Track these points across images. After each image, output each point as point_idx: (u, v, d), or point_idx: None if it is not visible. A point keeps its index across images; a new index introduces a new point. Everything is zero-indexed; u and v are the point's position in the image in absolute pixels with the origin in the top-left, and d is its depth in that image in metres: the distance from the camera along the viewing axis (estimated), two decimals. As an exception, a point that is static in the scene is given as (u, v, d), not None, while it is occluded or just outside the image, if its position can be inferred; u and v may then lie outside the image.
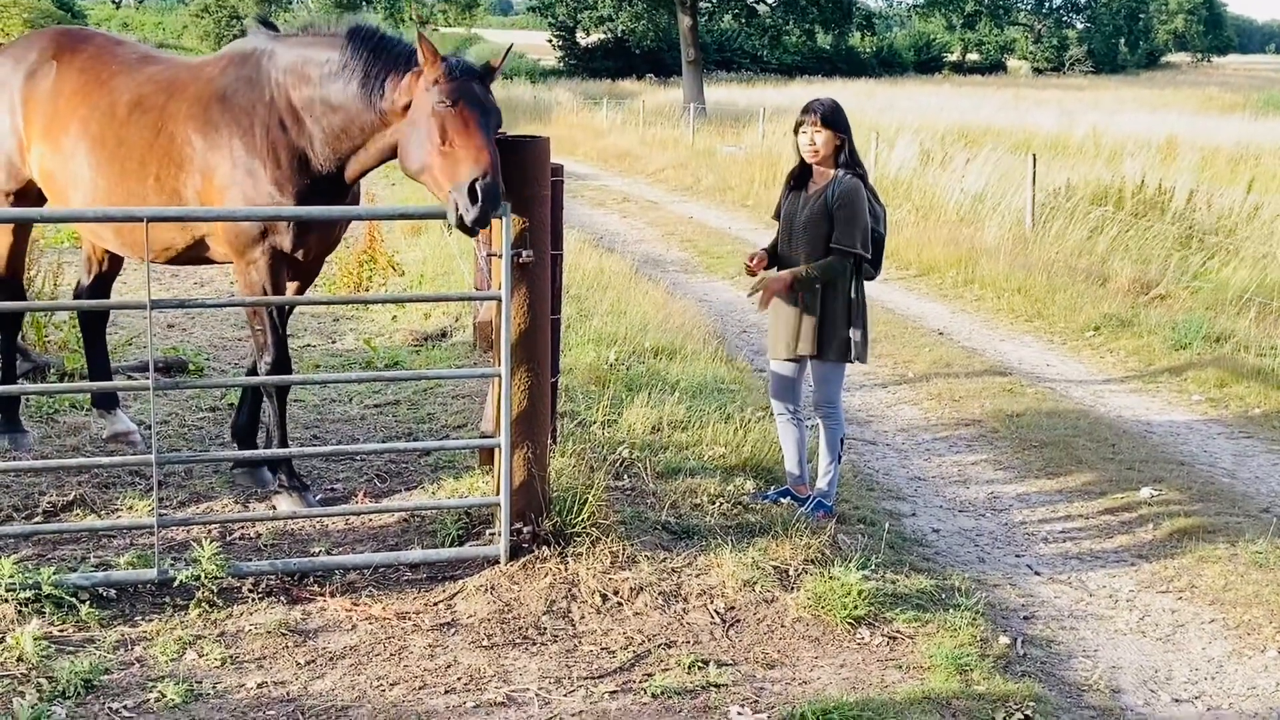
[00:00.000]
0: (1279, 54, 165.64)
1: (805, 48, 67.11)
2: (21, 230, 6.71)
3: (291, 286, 6.15)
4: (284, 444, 6.00)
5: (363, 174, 5.81)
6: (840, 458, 6.56)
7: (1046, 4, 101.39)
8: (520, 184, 5.21)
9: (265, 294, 5.73)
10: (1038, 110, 39.99)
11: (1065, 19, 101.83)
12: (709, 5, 48.83)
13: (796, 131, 6.43)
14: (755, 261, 6.48)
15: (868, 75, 72.54)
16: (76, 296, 7.03)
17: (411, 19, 66.65)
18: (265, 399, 6.08)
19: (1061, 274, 13.68)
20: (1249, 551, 6.47)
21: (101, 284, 6.97)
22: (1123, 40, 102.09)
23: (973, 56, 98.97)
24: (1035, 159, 16.70)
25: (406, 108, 5.33)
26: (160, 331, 9.64)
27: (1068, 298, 12.77)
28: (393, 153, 5.53)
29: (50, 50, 6.27)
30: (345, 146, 5.64)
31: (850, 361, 6.41)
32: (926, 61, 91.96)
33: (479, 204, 4.91)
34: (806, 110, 6.38)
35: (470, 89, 5.15)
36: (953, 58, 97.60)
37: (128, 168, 5.87)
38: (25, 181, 6.39)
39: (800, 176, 6.52)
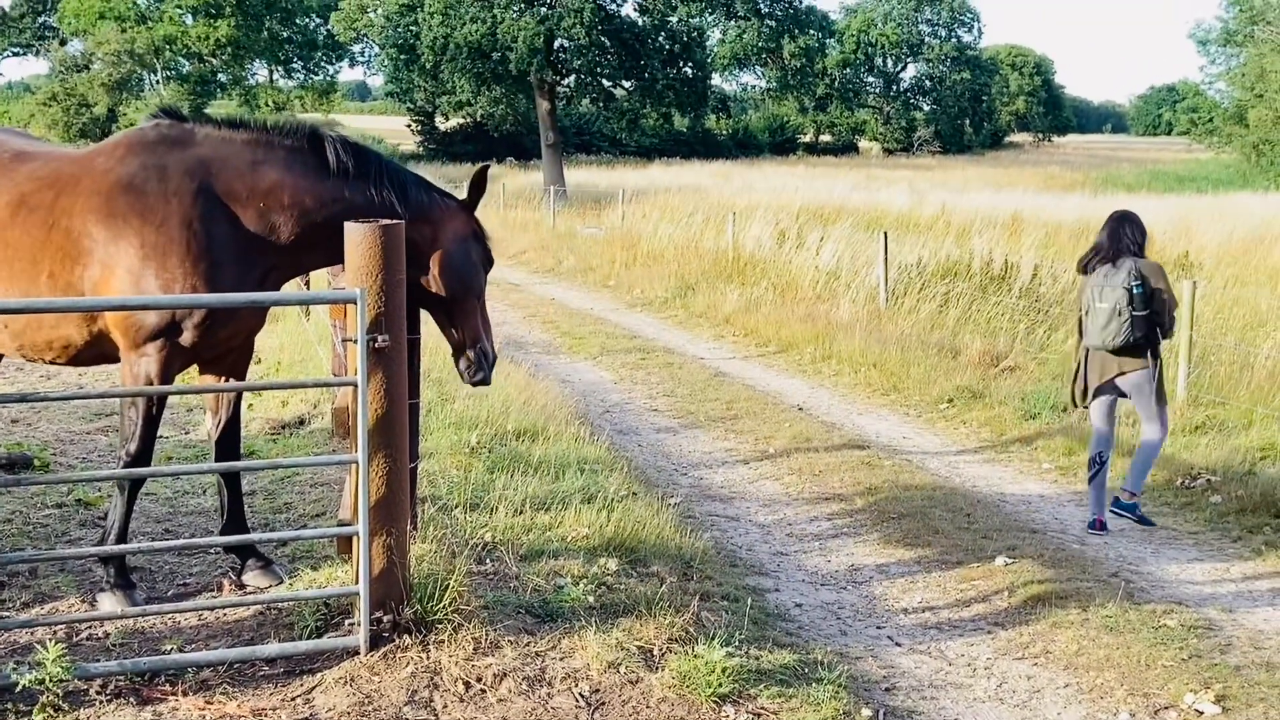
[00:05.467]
0: (1115, 133, 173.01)
1: (663, 130, 68.18)
2: None
3: (209, 378, 6.14)
4: (122, 539, 5.80)
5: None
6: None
7: (894, 87, 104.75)
8: (375, 269, 5.18)
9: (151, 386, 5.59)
10: (889, 189, 41.11)
11: (912, 101, 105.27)
12: (566, 89, 49.37)
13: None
14: None
15: (724, 157, 73.90)
16: None
17: (268, 104, 66.25)
18: (117, 492, 5.89)
19: (915, 348, 14.01)
20: (1100, 616, 6.65)
21: None
22: (968, 121, 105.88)
23: (825, 138, 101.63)
24: (887, 236, 17.15)
25: (445, 222, 5.94)
26: (3, 427, 9.32)
27: (922, 371, 13.07)
28: None
29: None
30: (335, 230, 5.57)
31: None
32: (781, 143, 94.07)
33: (494, 366, 6.02)
34: None
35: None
36: (806, 139, 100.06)
37: (17, 269, 5.65)
38: None
39: None
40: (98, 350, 5.86)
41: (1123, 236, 8.41)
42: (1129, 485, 8.56)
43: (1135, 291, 8.15)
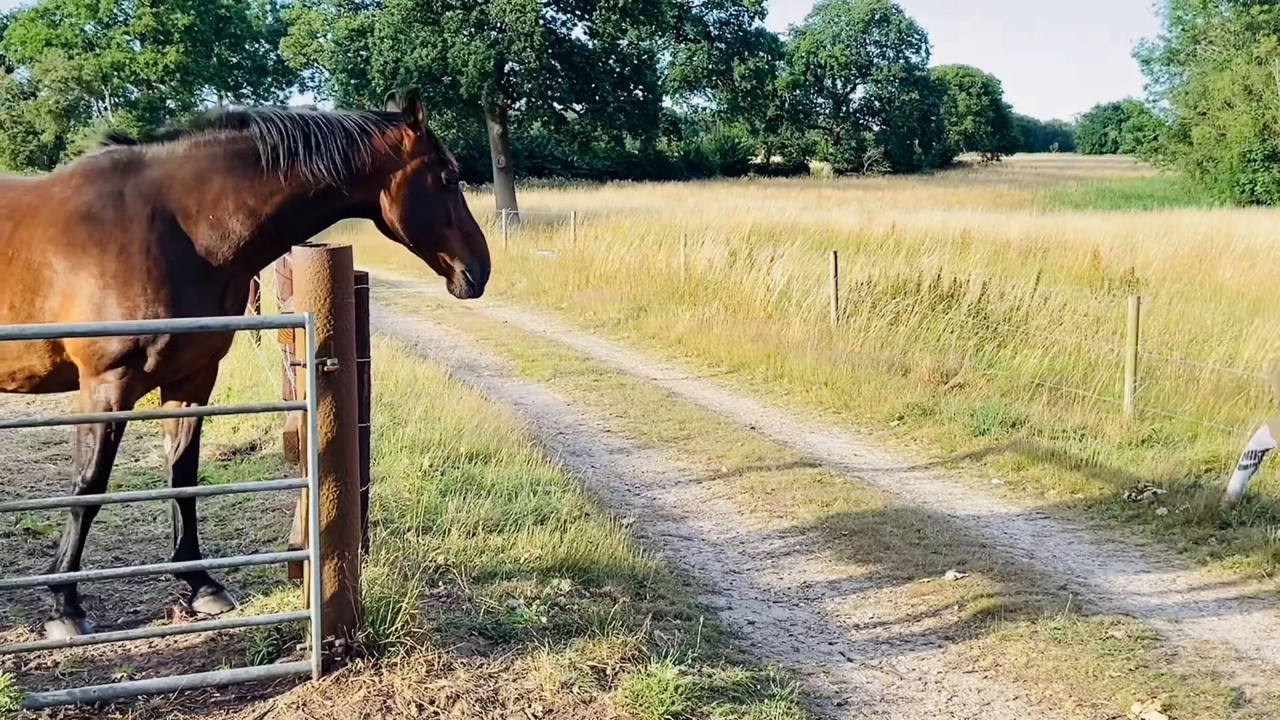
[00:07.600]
0: (1062, 152, 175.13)
1: (615, 153, 68.51)
2: None
3: (173, 403, 6.19)
4: (74, 566, 5.76)
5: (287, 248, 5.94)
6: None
7: (844, 107, 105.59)
8: (323, 293, 5.19)
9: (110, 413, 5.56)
10: (840, 209, 41.44)
11: (862, 122, 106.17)
12: (518, 113, 49.45)
13: None
14: None
15: (677, 178, 74.27)
16: None
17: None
18: (71, 519, 5.85)
19: (866, 366, 14.11)
20: (1048, 628, 6.72)
21: None
22: (917, 141, 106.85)
23: (776, 159, 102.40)
24: (836, 256, 17.28)
25: (386, 171, 5.73)
26: (-51, 455, 9.22)
27: (872, 389, 13.16)
28: (346, 214, 5.92)
29: None
30: (283, 220, 5.71)
31: None
32: (733, 164, 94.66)
33: (485, 280, 6.00)
34: None
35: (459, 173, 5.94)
36: (758, 160, 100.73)
37: None
38: None
39: None
40: (61, 379, 5.85)
41: None
42: None
43: None
